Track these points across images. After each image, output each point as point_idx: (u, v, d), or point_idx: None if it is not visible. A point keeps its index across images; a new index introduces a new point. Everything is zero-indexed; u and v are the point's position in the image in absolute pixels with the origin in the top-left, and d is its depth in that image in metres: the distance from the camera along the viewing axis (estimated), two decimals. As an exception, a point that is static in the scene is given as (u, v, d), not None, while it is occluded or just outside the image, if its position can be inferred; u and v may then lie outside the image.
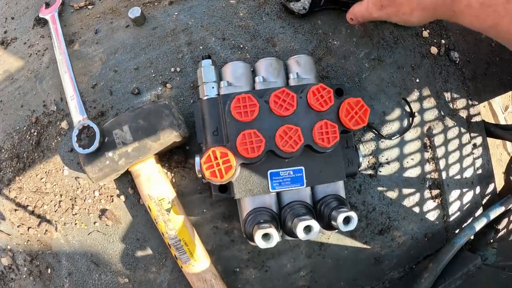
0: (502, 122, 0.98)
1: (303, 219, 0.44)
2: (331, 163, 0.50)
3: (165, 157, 0.56)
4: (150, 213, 0.53)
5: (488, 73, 0.70)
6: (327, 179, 0.50)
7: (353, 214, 0.45)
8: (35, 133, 0.60)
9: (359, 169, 0.59)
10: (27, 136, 0.60)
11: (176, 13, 0.61)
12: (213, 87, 0.51)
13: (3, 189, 0.60)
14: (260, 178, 0.48)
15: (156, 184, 0.52)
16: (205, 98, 0.51)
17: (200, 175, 0.50)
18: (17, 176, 0.60)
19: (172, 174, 0.56)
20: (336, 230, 0.52)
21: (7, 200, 0.59)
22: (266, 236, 0.43)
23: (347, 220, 0.45)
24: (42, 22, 0.63)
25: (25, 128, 0.60)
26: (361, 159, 0.53)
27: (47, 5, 0.63)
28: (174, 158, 0.56)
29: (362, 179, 0.60)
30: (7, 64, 0.62)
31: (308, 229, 0.44)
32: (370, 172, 0.60)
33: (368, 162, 0.60)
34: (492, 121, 0.92)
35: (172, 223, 0.51)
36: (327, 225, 0.49)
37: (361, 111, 0.49)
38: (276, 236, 0.43)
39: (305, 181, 0.49)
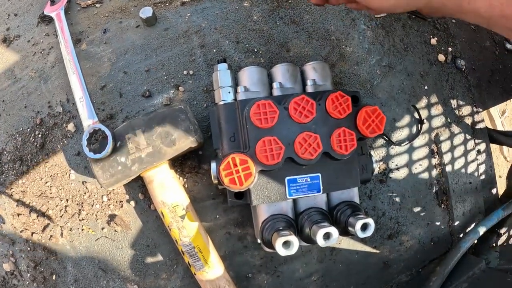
0: (499, 126, 1.00)
1: (323, 226, 0.44)
2: (347, 170, 0.50)
3: (178, 162, 0.55)
4: (163, 219, 0.52)
5: (492, 80, 0.72)
6: (343, 185, 0.50)
7: (370, 221, 0.45)
8: (40, 135, 0.58)
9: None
10: (31, 138, 0.58)
11: (188, 14, 0.59)
12: (229, 92, 0.50)
13: (6, 193, 0.57)
14: (278, 185, 0.48)
15: (170, 191, 0.51)
16: (222, 103, 0.50)
17: (216, 181, 0.49)
18: (20, 179, 0.57)
19: (185, 180, 0.55)
20: (350, 236, 0.53)
21: (9, 204, 0.57)
22: (286, 244, 0.43)
23: (364, 227, 0.46)
24: (47, 20, 0.61)
25: (28, 129, 0.58)
26: (374, 165, 0.54)
27: (52, 2, 0.60)
28: (187, 163, 0.55)
29: (373, 185, 0.61)
30: (10, 62, 0.60)
31: (327, 236, 0.44)
32: (380, 178, 0.61)
33: (379, 168, 0.61)
34: (490, 126, 0.95)
35: (187, 230, 0.50)
36: (343, 231, 0.49)
37: (377, 119, 0.49)
38: (296, 244, 0.43)
39: (321, 187, 0.49)
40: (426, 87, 0.65)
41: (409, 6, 0.40)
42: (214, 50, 0.58)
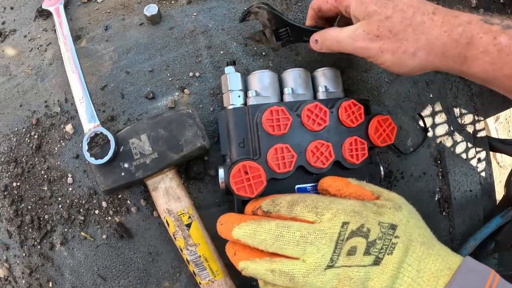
0: (493, 132, 1.02)
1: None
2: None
3: (182, 168, 0.54)
4: (167, 228, 0.50)
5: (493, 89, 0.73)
6: (351, 194, 0.49)
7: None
8: (36, 136, 0.55)
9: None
10: (27, 139, 0.55)
11: (195, 14, 0.57)
12: (239, 96, 0.49)
13: (-2, 196, 0.55)
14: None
15: (176, 198, 0.49)
16: (231, 107, 0.48)
17: (223, 187, 0.48)
18: (15, 182, 0.55)
19: (190, 186, 0.54)
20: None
21: (3, 208, 0.54)
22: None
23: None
24: (44, 14, 0.57)
25: (24, 130, 0.55)
26: (382, 174, 0.53)
27: (50, -5, 0.57)
28: (193, 169, 0.53)
29: (378, 192, 0.60)
30: (5, 58, 0.56)
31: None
32: (385, 186, 0.61)
33: (384, 175, 0.61)
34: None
35: (192, 239, 0.49)
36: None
37: (389, 128, 0.49)
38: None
39: (330, 196, 0.48)
40: (431, 95, 0.65)
41: (422, 71, 0.43)
42: (221, 52, 0.56)
